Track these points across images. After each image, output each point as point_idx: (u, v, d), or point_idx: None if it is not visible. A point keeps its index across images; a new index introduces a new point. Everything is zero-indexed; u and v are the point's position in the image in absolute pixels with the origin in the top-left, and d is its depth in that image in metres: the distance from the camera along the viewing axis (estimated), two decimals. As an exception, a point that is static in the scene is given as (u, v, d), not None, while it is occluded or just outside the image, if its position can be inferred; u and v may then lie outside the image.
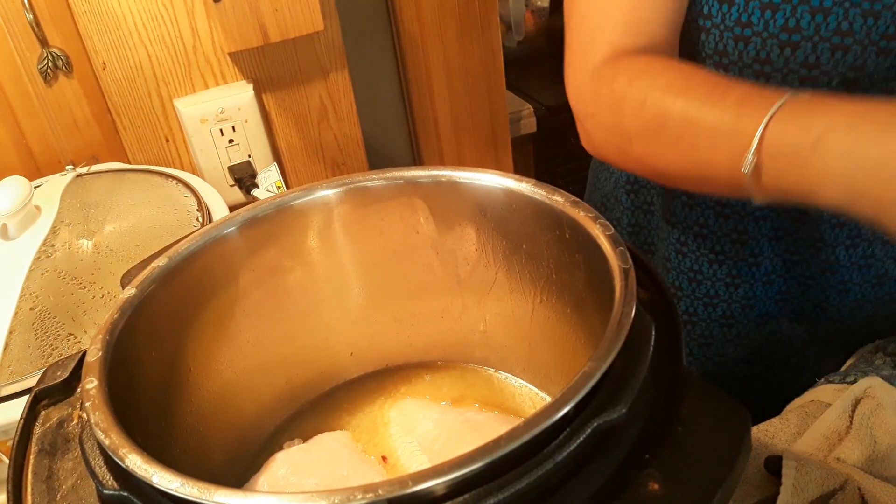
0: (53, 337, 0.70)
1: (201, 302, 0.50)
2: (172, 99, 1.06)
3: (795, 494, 0.54)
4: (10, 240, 0.82)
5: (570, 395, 0.34)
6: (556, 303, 0.51)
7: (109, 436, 0.36)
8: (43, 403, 0.45)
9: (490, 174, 0.51)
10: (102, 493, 0.37)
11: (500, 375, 0.57)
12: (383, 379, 0.58)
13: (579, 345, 0.49)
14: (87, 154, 1.05)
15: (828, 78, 0.61)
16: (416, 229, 0.54)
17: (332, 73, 1.12)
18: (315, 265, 0.55)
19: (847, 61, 0.60)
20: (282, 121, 1.13)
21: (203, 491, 0.33)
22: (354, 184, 0.53)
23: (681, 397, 0.38)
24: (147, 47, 1.01)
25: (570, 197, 0.47)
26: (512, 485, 0.33)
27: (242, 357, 0.53)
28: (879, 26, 0.58)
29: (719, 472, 0.34)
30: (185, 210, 0.87)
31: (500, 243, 0.52)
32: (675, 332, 0.41)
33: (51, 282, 0.76)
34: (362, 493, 0.31)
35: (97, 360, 0.40)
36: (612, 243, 0.43)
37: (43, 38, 0.98)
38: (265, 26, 0.98)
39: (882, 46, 0.59)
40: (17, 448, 0.42)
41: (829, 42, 0.60)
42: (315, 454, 0.50)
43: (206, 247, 0.50)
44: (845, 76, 0.61)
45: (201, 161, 1.08)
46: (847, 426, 0.59)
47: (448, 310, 0.57)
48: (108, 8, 0.98)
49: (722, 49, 0.64)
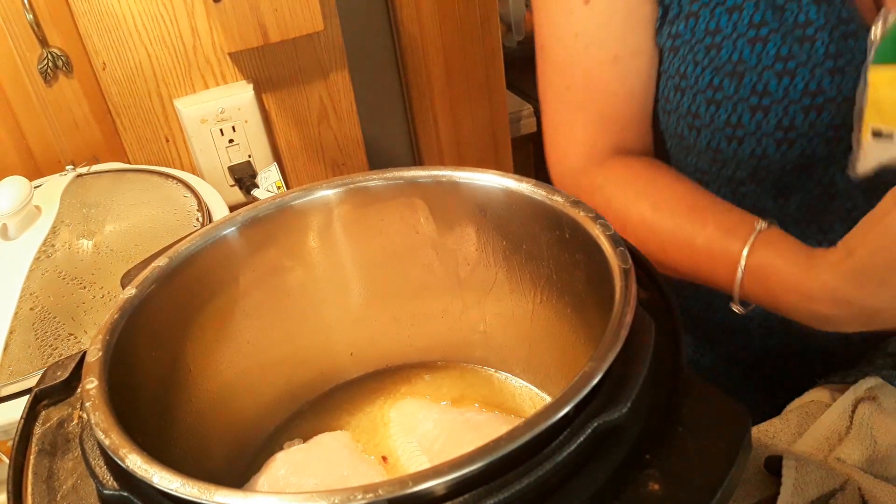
0: (53, 337, 0.70)
1: (201, 302, 0.50)
2: (172, 99, 1.06)
3: (795, 494, 0.54)
4: (10, 240, 0.82)
5: (570, 395, 0.34)
6: (556, 303, 0.51)
7: (109, 436, 0.36)
8: (43, 403, 0.45)
9: (490, 174, 0.51)
10: (102, 493, 0.37)
11: (500, 375, 0.57)
12: (383, 379, 0.58)
13: (579, 345, 0.49)
14: (87, 154, 1.05)
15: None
16: (416, 229, 0.54)
17: (332, 73, 1.12)
18: (315, 265, 0.55)
19: (794, 152, 0.62)
20: (282, 121, 1.12)
21: (203, 491, 0.33)
22: (354, 184, 0.53)
23: (681, 397, 0.38)
24: (147, 47, 1.01)
25: (570, 197, 0.47)
26: (512, 485, 0.33)
27: (242, 357, 0.52)
28: (824, 119, 0.61)
29: (719, 472, 0.34)
30: (185, 210, 0.87)
31: (500, 243, 0.52)
32: (675, 332, 0.41)
33: (51, 282, 0.76)
34: (362, 493, 0.31)
35: (97, 360, 0.40)
36: (612, 243, 0.43)
37: (43, 38, 0.98)
38: (265, 26, 0.98)
39: (830, 136, 0.61)
40: (17, 448, 0.42)
41: (772, 137, 0.62)
42: (315, 454, 0.50)
43: (206, 247, 0.50)
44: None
45: (201, 161, 1.08)
46: (847, 426, 0.59)
47: (448, 310, 0.57)
48: (108, 8, 0.98)
49: (695, 111, 0.65)
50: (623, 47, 0.67)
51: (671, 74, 0.66)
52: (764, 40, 0.61)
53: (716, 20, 0.62)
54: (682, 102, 0.65)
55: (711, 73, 0.63)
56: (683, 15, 0.64)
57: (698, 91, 0.64)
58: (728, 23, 0.62)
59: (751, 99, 0.62)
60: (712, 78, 0.63)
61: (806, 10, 0.60)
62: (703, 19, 0.63)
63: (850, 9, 0.60)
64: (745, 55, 0.61)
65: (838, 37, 0.60)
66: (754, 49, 0.61)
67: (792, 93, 0.61)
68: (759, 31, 0.61)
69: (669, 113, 0.67)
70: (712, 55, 0.63)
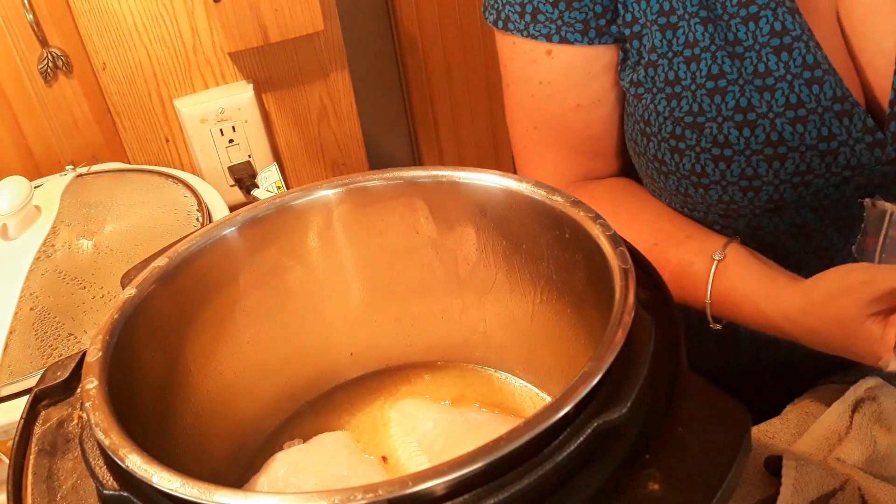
0: (53, 337, 0.70)
1: (201, 302, 0.50)
2: (172, 99, 1.06)
3: (795, 494, 0.54)
4: (10, 240, 0.83)
5: (570, 395, 0.34)
6: (556, 303, 0.51)
7: (109, 436, 0.36)
8: (43, 403, 0.45)
9: (490, 174, 0.51)
10: (102, 494, 0.37)
11: (500, 375, 0.57)
12: (383, 379, 0.58)
13: (579, 345, 0.49)
14: (87, 154, 1.05)
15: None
16: (416, 229, 0.54)
17: (332, 73, 1.12)
18: (315, 265, 0.55)
19: (762, 198, 0.63)
20: (282, 121, 1.13)
21: (203, 491, 0.33)
22: (354, 184, 0.53)
23: (681, 397, 0.38)
24: (147, 47, 1.01)
25: (570, 197, 0.47)
26: (512, 485, 0.33)
27: (242, 357, 0.52)
28: (787, 167, 0.62)
29: (719, 472, 0.34)
30: (185, 210, 0.87)
31: (500, 243, 0.52)
32: (675, 332, 0.41)
33: (51, 282, 0.76)
34: (362, 494, 0.31)
35: (97, 360, 0.40)
36: (612, 243, 0.43)
37: (43, 38, 0.98)
38: (265, 26, 0.98)
39: (796, 182, 0.62)
40: (17, 448, 0.42)
41: (737, 185, 0.63)
42: (315, 454, 0.50)
43: (206, 247, 0.50)
44: None
45: (201, 161, 1.08)
46: (847, 426, 0.59)
47: (448, 310, 0.57)
48: (108, 8, 0.98)
49: (661, 158, 0.66)
50: (584, 97, 0.68)
51: (636, 119, 0.66)
52: (723, 91, 0.60)
53: (675, 70, 0.62)
54: (649, 147, 0.65)
55: (673, 123, 0.63)
56: (643, 63, 0.64)
57: (662, 139, 0.64)
58: (686, 73, 0.61)
59: (713, 150, 0.61)
60: (674, 127, 0.63)
61: (766, 60, 0.60)
62: (662, 69, 0.62)
63: (814, 53, 0.59)
64: (706, 106, 0.61)
65: (799, 85, 0.59)
66: (713, 100, 0.61)
67: (753, 143, 0.60)
68: (718, 82, 0.60)
69: (639, 155, 0.68)
70: (672, 105, 0.62)
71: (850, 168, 0.61)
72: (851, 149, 0.60)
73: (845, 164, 0.61)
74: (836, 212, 0.65)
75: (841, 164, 0.61)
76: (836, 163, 0.61)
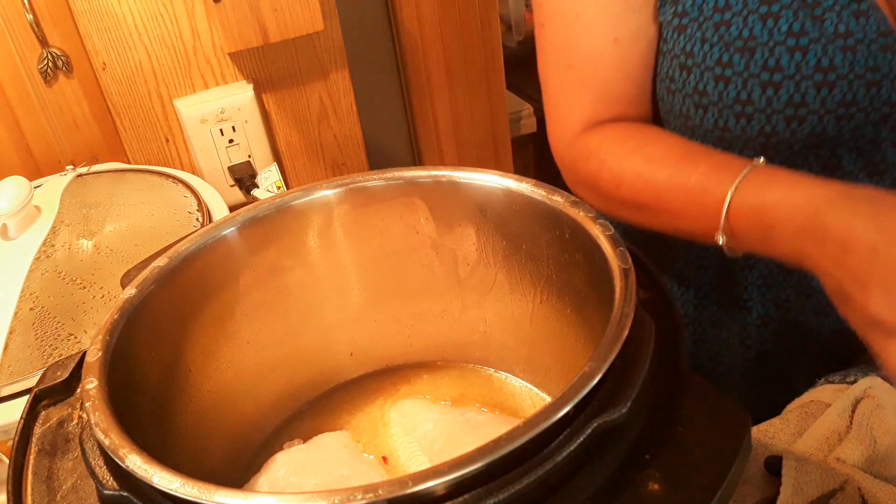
0: (53, 337, 0.70)
1: (201, 302, 0.50)
2: (172, 99, 1.06)
3: (795, 494, 0.54)
4: (10, 240, 0.82)
5: (570, 395, 0.34)
6: (556, 303, 0.51)
7: (109, 436, 0.36)
8: (43, 403, 0.45)
9: (490, 174, 0.51)
10: (102, 493, 0.37)
11: (500, 375, 0.57)
12: (383, 379, 0.58)
13: (579, 345, 0.49)
14: (87, 154, 1.05)
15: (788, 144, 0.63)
16: (416, 229, 0.54)
17: (332, 73, 1.12)
18: (315, 265, 0.55)
19: (804, 130, 0.62)
20: (282, 121, 1.12)
21: (203, 491, 0.33)
22: (354, 184, 0.53)
23: (681, 397, 0.38)
24: (147, 47, 1.01)
25: (570, 197, 0.47)
26: (512, 485, 0.33)
27: (242, 357, 0.52)
28: (835, 96, 0.61)
29: (719, 472, 0.34)
30: (185, 210, 0.87)
31: (500, 243, 0.52)
32: (675, 332, 0.41)
33: (51, 282, 0.76)
34: (362, 494, 0.31)
35: (97, 360, 0.40)
36: (612, 243, 0.43)
37: (43, 38, 0.98)
38: (265, 26, 0.98)
39: (840, 114, 0.61)
40: (17, 448, 0.42)
41: (782, 113, 0.62)
42: (315, 454, 0.50)
43: (206, 247, 0.50)
44: (806, 142, 0.63)
45: (201, 161, 1.08)
46: (847, 426, 0.59)
47: (448, 310, 0.57)
48: (108, 8, 0.98)
49: (702, 89, 0.65)
50: (623, 30, 0.67)
51: (676, 53, 0.66)
52: (776, 16, 0.61)
53: None
54: (689, 81, 0.65)
55: (720, 50, 0.63)
56: None
57: (706, 68, 0.64)
58: (738, 0, 0.62)
59: (762, 75, 0.62)
60: (721, 54, 0.63)
61: None
62: None
63: None
64: (756, 31, 0.62)
65: (847, 15, 0.60)
66: (765, 25, 0.61)
67: (804, 69, 0.61)
68: (771, 7, 0.61)
69: (674, 93, 0.67)
70: (721, 32, 0.63)
71: (891, 105, 0.62)
72: (892, 83, 0.61)
73: (887, 99, 0.62)
74: (871, 154, 0.65)
75: (883, 99, 0.62)
76: (879, 96, 0.62)
